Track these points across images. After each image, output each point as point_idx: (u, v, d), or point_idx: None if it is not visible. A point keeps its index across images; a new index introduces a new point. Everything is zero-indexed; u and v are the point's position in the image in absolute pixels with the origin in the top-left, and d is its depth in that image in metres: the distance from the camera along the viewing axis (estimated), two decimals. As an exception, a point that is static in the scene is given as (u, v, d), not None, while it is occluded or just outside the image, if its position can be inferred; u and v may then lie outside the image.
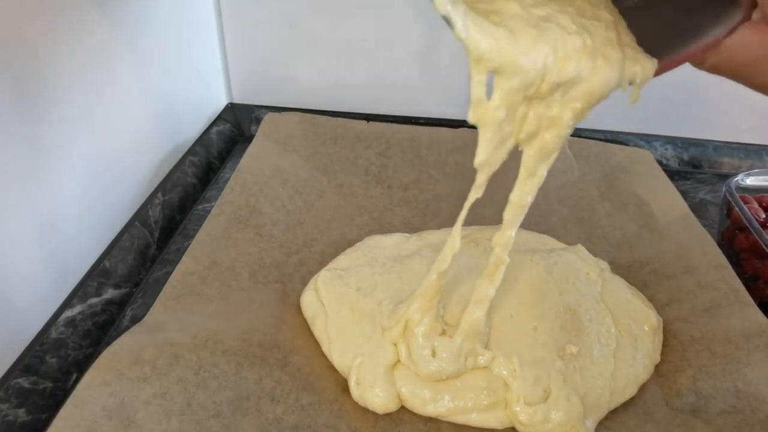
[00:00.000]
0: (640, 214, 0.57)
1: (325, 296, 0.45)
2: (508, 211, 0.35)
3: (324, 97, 0.74)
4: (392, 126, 0.65)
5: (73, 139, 0.45)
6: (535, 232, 0.54)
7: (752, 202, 0.53)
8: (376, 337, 0.41)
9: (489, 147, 0.28)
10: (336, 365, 0.41)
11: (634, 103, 0.29)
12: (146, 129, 0.56)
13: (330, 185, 0.60)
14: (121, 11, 0.50)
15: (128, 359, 0.35)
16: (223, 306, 0.43)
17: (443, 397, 0.39)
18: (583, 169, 0.64)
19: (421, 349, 0.39)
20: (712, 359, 0.41)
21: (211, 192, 0.61)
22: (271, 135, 0.62)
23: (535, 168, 0.33)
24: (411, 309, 0.40)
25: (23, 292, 0.41)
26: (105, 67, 0.48)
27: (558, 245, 0.52)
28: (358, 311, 0.43)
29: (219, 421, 0.35)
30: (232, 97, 0.76)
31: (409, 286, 0.44)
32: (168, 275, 0.45)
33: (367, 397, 0.39)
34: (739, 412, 0.38)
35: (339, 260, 0.49)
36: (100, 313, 0.46)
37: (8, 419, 0.37)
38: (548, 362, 0.40)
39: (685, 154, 0.73)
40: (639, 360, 0.42)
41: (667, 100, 0.72)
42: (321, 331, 0.43)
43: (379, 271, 0.46)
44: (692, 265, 0.48)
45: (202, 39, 0.68)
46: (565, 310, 0.43)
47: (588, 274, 0.47)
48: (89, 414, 0.33)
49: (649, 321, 0.44)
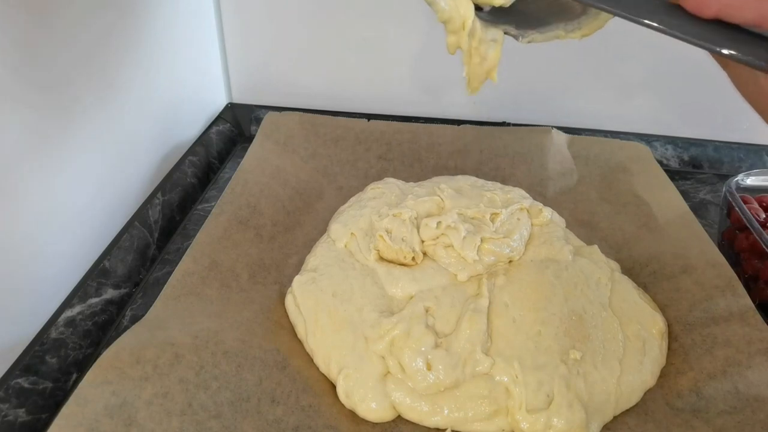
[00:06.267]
0: (639, 215, 0.57)
1: (302, 303, 0.44)
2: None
3: (324, 97, 0.74)
4: (392, 125, 0.65)
5: (73, 139, 0.45)
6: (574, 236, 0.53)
7: (752, 202, 0.53)
8: (360, 347, 0.41)
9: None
10: (324, 373, 0.41)
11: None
12: (146, 129, 0.56)
13: (330, 187, 0.60)
14: (121, 11, 0.50)
15: (130, 358, 0.35)
16: (223, 306, 0.43)
17: (442, 409, 0.38)
18: (582, 170, 0.64)
19: (415, 363, 0.39)
20: (713, 362, 0.41)
21: (211, 192, 0.61)
22: (272, 135, 0.62)
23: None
24: (396, 329, 0.40)
25: (23, 292, 0.41)
26: (105, 67, 0.48)
27: (578, 242, 0.52)
28: (338, 320, 0.42)
29: (220, 421, 0.35)
30: (232, 97, 0.76)
31: (386, 290, 0.44)
32: (168, 275, 0.45)
33: (359, 410, 0.39)
34: (739, 412, 0.38)
35: (308, 261, 0.49)
36: (100, 313, 0.46)
37: (8, 419, 0.37)
38: (551, 367, 0.40)
39: (685, 154, 0.73)
40: (646, 366, 0.42)
41: (667, 100, 0.72)
42: (303, 339, 0.43)
43: (353, 275, 0.46)
44: (691, 265, 0.48)
45: (202, 39, 0.68)
46: (570, 315, 0.43)
47: (599, 279, 0.47)
48: (91, 413, 0.33)
49: (657, 325, 0.44)
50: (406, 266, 0.46)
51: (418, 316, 0.42)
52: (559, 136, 0.66)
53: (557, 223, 0.53)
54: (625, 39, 0.65)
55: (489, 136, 0.65)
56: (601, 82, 0.72)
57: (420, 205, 0.50)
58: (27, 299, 0.42)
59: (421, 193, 0.52)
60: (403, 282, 0.44)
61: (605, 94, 0.73)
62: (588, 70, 0.71)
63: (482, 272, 0.46)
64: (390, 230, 0.47)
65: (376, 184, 0.56)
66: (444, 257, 0.47)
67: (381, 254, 0.47)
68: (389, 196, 0.53)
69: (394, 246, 0.46)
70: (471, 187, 0.54)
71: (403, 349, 0.39)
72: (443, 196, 0.51)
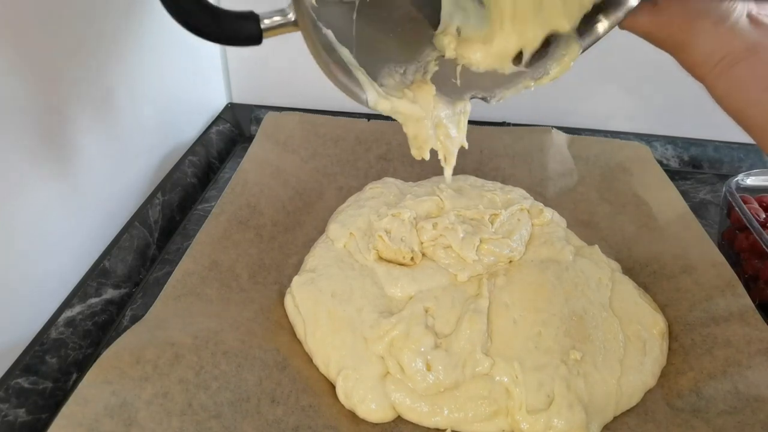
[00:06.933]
0: (639, 215, 0.57)
1: (301, 303, 0.44)
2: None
3: (324, 97, 0.74)
4: (392, 125, 0.64)
5: (72, 140, 0.45)
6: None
7: (752, 202, 0.53)
8: (359, 348, 0.41)
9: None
10: (324, 374, 0.41)
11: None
12: (146, 129, 0.56)
13: (330, 187, 0.60)
14: (122, 11, 0.50)
15: (130, 358, 0.36)
16: (223, 306, 0.43)
17: (442, 409, 0.38)
18: (582, 170, 0.64)
19: (415, 364, 0.39)
20: (713, 362, 0.41)
21: (210, 192, 0.61)
22: (272, 135, 0.62)
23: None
24: (396, 330, 0.40)
25: (23, 292, 0.41)
26: (105, 67, 0.48)
27: (579, 242, 0.52)
28: (337, 320, 0.42)
29: (220, 422, 0.35)
30: (232, 97, 0.76)
31: (386, 290, 0.44)
32: (168, 275, 0.45)
33: (359, 411, 0.39)
34: (739, 412, 0.38)
35: (307, 261, 0.49)
36: (100, 313, 0.46)
37: (8, 419, 0.37)
38: (552, 368, 0.40)
39: (685, 154, 0.73)
40: (647, 366, 0.42)
41: (667, 100, 0.72)
42: (302, 340, 0.43)
43: (352, 275, 0.46)
44: (691, 265, 0.48)
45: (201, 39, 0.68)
46: (570, 315, 0.43)
47: (600, 279, 0.47)
48: (91, 412, 0.33)
49: (658, 326, 0.44)
50: (406, 266, 0.46)
51: (417, 316, 0.41)
52: (559, 136, 0.66)
53: (558, 223, 0.53)
54: (626, 39, 0.65)
55: (489, 136, 0.65)
56: (601, 82, 0.72)
57: (419, 204, 0.50)
58: (27, 299, 0.42)
59: (420, 193, 0.52)
60: (402, 282, 0.44)
61: (605, 94, 0.73)
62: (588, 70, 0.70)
63: (482, 272, 0.46)
64: (389, 230, 0.47)
65: (374, 183, 0.56)
66: (443, 258, 0.47)
67: (380, 254, 0.47)
68: (388, 195, 0.53)
69: (393, 246, 0.46)
70: (471, 187, 0.54)
71: (402, 350, 0.39)
72: (442, 196, 0.51)
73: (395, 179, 0.57)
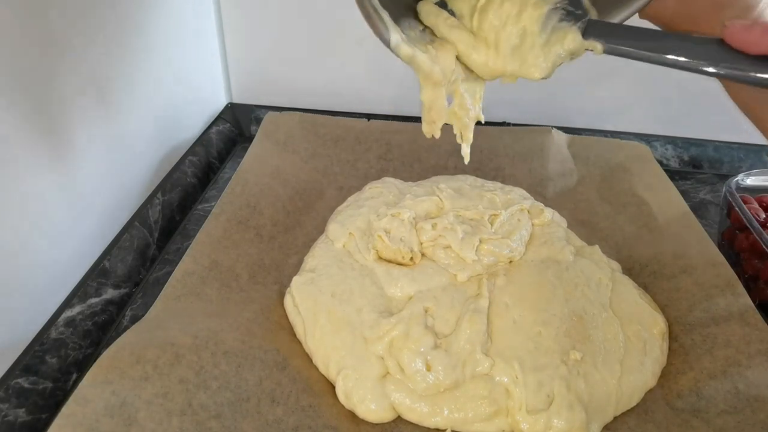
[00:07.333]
0: (639, 215, 0.57)
1: (300, 304, 0.44)
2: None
3: (324, 97, 0.74)
4: (392, 125, 0.65)
5: (72, 139, 0.45)
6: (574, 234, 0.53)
7: (752, 202, 0.53)
8: (359, 348, 0.41)
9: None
10: (323, 374, 0.41)
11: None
12: (146, 129, 0.56)
13: (330, 187, 0.60)
14: (122, 12, 0.50)
15: (130, 358, 0.36)
16: (223, 306, 0.43)
17: (442, 409, 0.38)
18: (582, 171, 0.64)
19: (414, 364, 0.39)
20: (713, 362, 0.41)
21: (210, 192, 0.61)
22: (272, 135, 0.62)
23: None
24: (395, 330, 0.40)
25: (23, 292, 0.41)
26: (105, 67, 0.48)
27: (579, 242, 0.52)
28: (336, 320, 0.42)
29: (220, 422, 0.35)
30: (232, 97, 0.76)
31: (385, 290, 0.44)
32: (168, 275, 0.45)
33: (359, 411, 0.38)
34: (739, 412, 0.38)
35: (306, 261, 0.49)
36: (100, 313, 0.46)
37: (8, 419, 0.37)
38: (552, 368, 0.40)
39: (685, 154, 0.73)
40: (647, 366, 0.42)
41: (667, 100, 0.72)
42: (302, 340, 0.43)
43: (351, 275, 0.46)
44: (691, 265, 0.48)
45: (202, 39, 0.68)
46: (570, 315, 0.43)
47: (600, 279, 0.47)
48: (91, 412, 0.33)
49: (658, 326, 0.44)
50: (405, 266, 0.46)
51: (417, 316, 0.41)
52: (559, 136, 0.66)
53: (558, 223, 0.53)
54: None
55: (489, 136, 0.65)
56: (601, 82, 0.72)
57: (418, 204, 0.50)
58: (27, 299, 0.42)
59: (419, 193, 0.52)
60: (402, 282, 0.44)
61: (605, 94, 0.73)
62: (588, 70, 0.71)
63: (482, 272, 0.46)
64: (389, 230, 0.47)
65: (374, 183, 0.56)
66: (443, 258, 0.47)
67: (380, 254, 0.47)
68: (387, 195, 0.53)
69: (393, 246, 0.46)
70: (471, 187, 0.54)
71: (402, 350, 0.39)
72: (442, 196, 0.51)
73: (395, 179, 0.57)
